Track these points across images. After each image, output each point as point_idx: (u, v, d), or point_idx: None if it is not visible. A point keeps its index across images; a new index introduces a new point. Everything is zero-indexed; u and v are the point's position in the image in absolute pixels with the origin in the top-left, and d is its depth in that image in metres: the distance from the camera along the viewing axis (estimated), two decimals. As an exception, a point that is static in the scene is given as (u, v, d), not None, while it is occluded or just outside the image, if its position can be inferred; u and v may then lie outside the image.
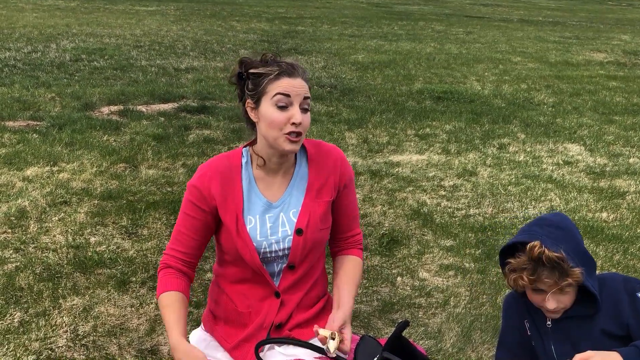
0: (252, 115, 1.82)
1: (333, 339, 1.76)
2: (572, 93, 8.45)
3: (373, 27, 15.91)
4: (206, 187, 1.83)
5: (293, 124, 1.75)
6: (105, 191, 4.24)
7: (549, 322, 1.86)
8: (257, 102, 1.79)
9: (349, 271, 1.96)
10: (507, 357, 2.02)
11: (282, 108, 1.75)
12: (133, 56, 9.67)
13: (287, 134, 1.75)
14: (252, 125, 1.86)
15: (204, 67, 9.12)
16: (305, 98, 1.79)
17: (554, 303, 1.77)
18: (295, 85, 1.76)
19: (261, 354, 1.83)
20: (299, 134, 1.76)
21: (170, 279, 1.85)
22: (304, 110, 1.78)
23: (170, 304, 1.80)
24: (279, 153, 1.82)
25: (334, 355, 1.76)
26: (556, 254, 1.70)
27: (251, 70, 1.79)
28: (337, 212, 1.96)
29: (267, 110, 1.76)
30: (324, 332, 1.77)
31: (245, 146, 1.93)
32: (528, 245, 1.74)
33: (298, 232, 1.84)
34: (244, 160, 1.89)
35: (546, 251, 1.70)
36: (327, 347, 1.76)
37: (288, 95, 1.75)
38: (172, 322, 1.76)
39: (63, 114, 6.17)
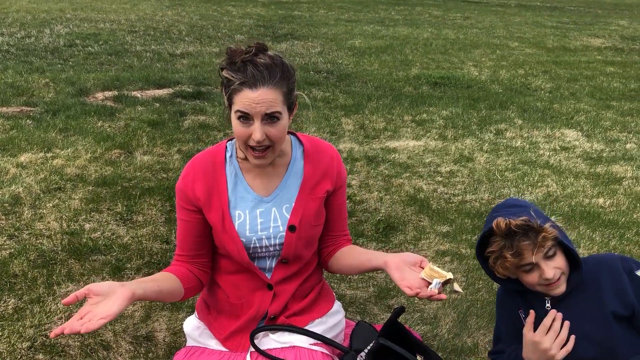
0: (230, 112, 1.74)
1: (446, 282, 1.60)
2: (569, 79, 8.42)
3: (370, 12, 15.81)
4: (190, 188, 1.78)
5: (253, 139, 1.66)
6: (100, 177, 4.21)
7: (548, 305, 1.85)
8: (229, 106, 1.70)
9: (358, 248, 1.93)
10: (503, 350, 2.01)
11: (245, 122, 1.65)
12: (128, 41, 9.59)
13: (251, 148, 1.68)
14: None
15: (200, 53, 9.05)
16: (269, 113, 1.63)
17: (551, 270, 1.77)
18: (255, 100, 1.61)
19: (256, 341, 1.82)
20: (265, 147, 1.68)
21: (170, 268, 1.83)
22: (270, 122, 1.64)
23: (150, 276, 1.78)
24: None
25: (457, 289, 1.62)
26: (522, 218, 1.75)
27: (223, 73, 1.67)
28: (330, 213, 1.90)
29: (233, 120, 1.68)
30: (430, 272, 1.59)
31: (230, 139, 1.87)
32: (493, 224, 1.77)
33: (291, 228, 1.79)
34: (228, 154, 1.83)
35: (511, 220, 1.75)
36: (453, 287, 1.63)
37: (247, 114, 1.64)
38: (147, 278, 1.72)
39: (57, 99, 6.12)
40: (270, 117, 1.65)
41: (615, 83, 8.24)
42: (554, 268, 1.77)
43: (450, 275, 1.60)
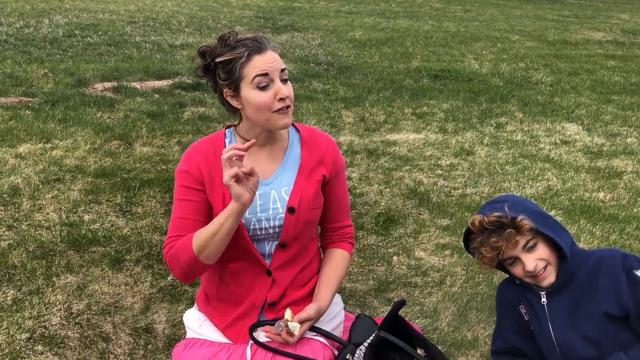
0: (233, 102, 1.76)
1: (289, 328, 1.75)
2: (570, 72, 8.40)
3: (370, 4, 15.76)
4: (195, 168, 1.80)
5: (281, 99, 1.70)
6: (99, 169, 4.19)
7: (543, 300, 1.85)
8: (235, 89, 1.72)
9: (334, 267, 1.94)
10: (504, 348, 2.01)
11: (264, 88, 1.69)
12: (127, 32, 9.55)
13: (277, 111, 1.72)
14: (234, 110, 1.81)
15: (199, 44, 8.92)
16: (282, 70, 1.73)
17: (531, 263, 1.76)
18: (269, 61, 1.69)
19: (256, 334, 1.82)
20: (288, 106, 1.73)
21: (182, 241, 1.76)
22: (283, 82, 1.73)
23: (200, 234, 1.72)
24: (268, 130, 1.80)
25: (297, 333, 1.75)
26: (494, 215, 1.76)
27: (218, 60, 1.71)
28: (328, 200, 1.92)
29: (250, 94, 1.70)
30: (287, 315, 1.77)
31: (227, 127, 1.90)
32: (469, 222, 1.81)
33: (290, 210, 1.80)
34: (227, 141, 1.86)
35: (484, 218, 1.77)
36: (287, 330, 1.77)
37: (267, 74, 1.69)
38: (214, 223, 1.70)
39: (56, 90, 6.09)
40: (283, 76, 1.73)
41: (616, 77, 8.21)
42: (535, 260, 1.77)
43: (287, 317, 1.76)
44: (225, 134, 1.87)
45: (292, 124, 1.90)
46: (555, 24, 13.33)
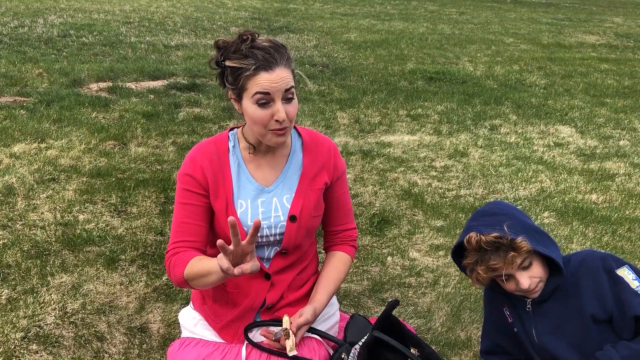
0: (236, 106, 1.75)
1: (288, 338, 1.74)
2: (563, 75, 8.44)
3: (366, 6, 15.80)
4: (199, 172, 1.79)
5: (277, 120, 1.67)
6: (94, 169, 4.19)
7: (528, 306, 1.86)
8: (238, 97, 1.70)
9: (333, 269, 1.94)
10: (491, 348, 2.03)
11: (264, 105, 1.66)
12: (122, 32, 9.54)
13: (272, 130, 1.69)
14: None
15: (195, 45, 9.01)
16: (288, 89, 1.67)
17: (526, 280, 1.76)
18: (274, 81, 1.64)
19: (250, 335, 1.83)
20: (284, 127, 1.69)
21: (183, 256, 1.75)
22: (287, 101, 1.68)
23: (196, 264, 1.69)
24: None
25: (292, 354, 1.73)
26: (492, 235, 1.72)
27: (227, 63, 1.68)
28: (330, 205, 1.93)
29: (249, 107, 1.67)
30: (285, 324, 1.77)
31: (231, 129, 1.89)
32: (465, 240, 1.77)
33: (292, 218, 1.80)
34: (230, 145, 1.84)
35: (482, 237, 1.73)
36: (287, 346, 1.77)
37: (268, 93, 1.64)
38: (208, 264, 1.65)
39: (51, 90, 6.08)
40: (288, 95, 1.67)
41: (609, 80, 8.27)
42: (529, 277, 1.76)
43: (285, 325, 1.77)
44: (228, 137, 1.86)
45: (295, 127, 1.89)
46: (549, 27, 13.40)
